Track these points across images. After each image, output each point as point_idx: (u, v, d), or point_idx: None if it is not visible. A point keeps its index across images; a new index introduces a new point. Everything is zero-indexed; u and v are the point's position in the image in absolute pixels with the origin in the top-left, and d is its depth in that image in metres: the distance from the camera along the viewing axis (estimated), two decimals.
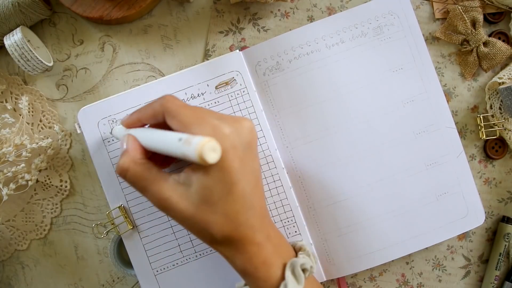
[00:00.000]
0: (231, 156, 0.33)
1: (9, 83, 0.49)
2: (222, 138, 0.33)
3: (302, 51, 0.46)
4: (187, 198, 0.35)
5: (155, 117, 0.36)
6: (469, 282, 0.50)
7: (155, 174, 0.36)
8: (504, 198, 0.50)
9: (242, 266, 0.37)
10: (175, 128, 0.35)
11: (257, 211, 0.36)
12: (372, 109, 0.47)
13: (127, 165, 0.36)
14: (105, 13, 0.46)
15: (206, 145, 0.30)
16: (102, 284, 0.49)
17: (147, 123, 0.38)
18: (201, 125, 0.33)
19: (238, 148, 0.34)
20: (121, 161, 0.36)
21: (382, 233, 0.46)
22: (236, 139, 0.34)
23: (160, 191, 0.35)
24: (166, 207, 0.35)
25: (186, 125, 0.34)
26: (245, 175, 0.35)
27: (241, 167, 0.34)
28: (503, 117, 0.49)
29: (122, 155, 0.37)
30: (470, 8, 0.47)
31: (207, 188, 0.34)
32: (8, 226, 0.49)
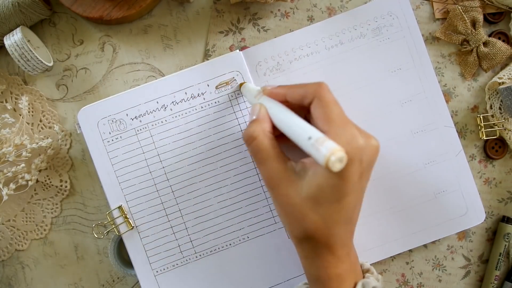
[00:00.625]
0: (354, 169, 0.33)
1: (9, 83, 0.49)
2: (355, 149, 0.33)
3: (302, 52, 0.46)
4: (296, 188, 0.35)
5: (303, 99, 0.36)
6: (469, 282, 0.50)
7: (278, 153, 0.36)
8: (504, 198, 0.50)
9: (316, 272, 0.37)
10: (317, 117, 0.35)
11: (351, 228, 0.37)
12: (371, 109, 0.47)
13: (256, 133, 0.36)
14: (105, 13, 0.46)
15: (335, 154, 0.29)
16: (102, 284, 0.49)
17: (290, 101, 0.38)
18: (343, 128, 0.34)
19: (363, 164, 0.34)
20: (252, 129, 0.36)
21: (381, 229, 0.47)
22: (365, 155, 0.34)
23: (276, 170, 0.36)
24: (274, 187, 0.36)
25: (330, 121, 0.34)
26: (357, 191, 0.35)
27: (358, 182, 0.34)
28: (503, 117, 0.49)
29: (253, 123, 0.37)
30: (470, 8, 0.47)
31: (320, 187, 0.34)
32: (8, 226, 0.49)
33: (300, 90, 0.37)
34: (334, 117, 0.34)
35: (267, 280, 0.46)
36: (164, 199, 0.45)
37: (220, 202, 0.45)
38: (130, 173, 0.45)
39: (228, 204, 0.46)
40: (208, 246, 0.46)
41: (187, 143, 0.45)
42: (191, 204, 0.45)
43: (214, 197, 0.45)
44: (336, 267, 0.36)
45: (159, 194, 0.45)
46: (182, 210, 0.45)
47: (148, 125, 0.45)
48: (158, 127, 0.45)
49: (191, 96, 0.45)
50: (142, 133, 0.45)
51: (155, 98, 0.45)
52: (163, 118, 0.45)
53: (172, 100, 0.45)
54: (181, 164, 0.45)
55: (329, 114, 0.35)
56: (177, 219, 0.45)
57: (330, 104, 0.35)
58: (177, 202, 0.45)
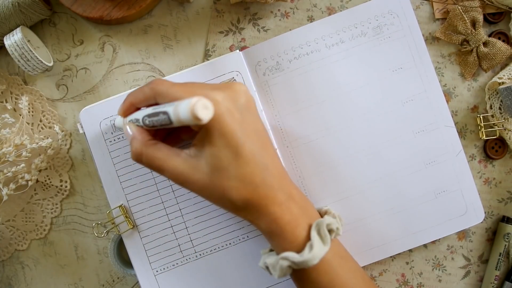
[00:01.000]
0: (228, 120, 0.33)
1: (9, 83, 0.49)
2: (216, 105, 0.33)
3: (302, 51, 0.46)
4: (199, 169, 0.35)
5: (147, 101, 0.37)
6: (469, 282, 0.50)
7: (167, 151, 0.36)
8: (504, 198, 0.50)
9: (267, 228, 0.37)
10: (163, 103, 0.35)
11: (273, 171, 0.36)
12: (372, 109, 0.47)
13: (139, 149, 0.37)
14: (105, 13, 0.46)
15: (197, 104, 0.30)
16: (102, 284, 0.49)
17: (140, 106, 0.38)
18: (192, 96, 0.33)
19: (234, 111, 0.34)
20: (133, 148, 0.37)
21: (382, 229, 0.47)
22: (230, 103, 0.34)
23: (175, 167, 0.36)
24: (182, 181, 0.36)
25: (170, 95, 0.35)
26: (248, 136, 0.35)
27: (242, 129, 0.34)
28: (503, 117, 0.49)
29: (132, 142, 0.37)
30: (470, 8, 0.47)
31: (215, 156, 0.34)
32: (8, 226, 0.49)
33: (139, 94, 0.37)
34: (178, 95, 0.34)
35: (267, 280, 0.46)
36: (165, 199, 0.45)
37: None
38: (131, 173, 0.45)
39: None
40: (208, 246, 0.46)
41: None
42: (191, 204, 0.45)
43: None
44: (283, 215, 0.36)
45: (160, 193, 0.45)
46: (182, 209, 0.45)
47: None
48: None
49: None
50: None
51: None
52: None
53: None
54: None
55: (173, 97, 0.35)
56: (177, 218, 0.45)
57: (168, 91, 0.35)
58: (177, 201, 0.45)
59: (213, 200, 0.37)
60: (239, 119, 0.35)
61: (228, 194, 0.35)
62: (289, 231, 0.37)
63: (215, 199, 0.36)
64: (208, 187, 0.35)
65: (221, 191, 0.35)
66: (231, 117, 0.34)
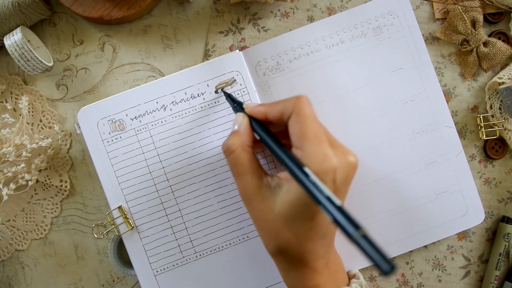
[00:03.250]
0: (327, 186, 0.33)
1: (9, 83, 0.49)
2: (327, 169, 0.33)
3: (302, 52, 0.46)
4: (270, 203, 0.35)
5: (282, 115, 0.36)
6: (469, 282, 0.50)
7: (254, 168, 0.37)
8: (504, 198, 0.50)
9: (293, 283, 0.37)
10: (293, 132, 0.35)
11: (328, 241, 0.37)
12: (372, 109, 0.47)
13: (235, 147, 0.36)
14: (105, 13, 0.46)
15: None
16: (102, 284, 0.49)
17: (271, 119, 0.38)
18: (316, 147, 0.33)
19: (337, 183, 0.34)
20: (231, 141, 0.37)
21: (382, 231, 0.47)
22: (338, 174, 0.34)
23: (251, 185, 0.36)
24: (249, 201, 0.36)
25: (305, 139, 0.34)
26: None
27: None
28: (503, 117, 0.49)
29: (233, 135, 0.37)
30: (470, 8, 0.47)
31: (292, 205, 0.34)
32: (8, 226, 0.49)
33: (279, 106, 0.37)
34: (309, 134, 0.34)
35: (266, 279, 0.46)
36: (164, 199, 0.45)
37: (220, 202, 0.45)
38: (130, 173, 0.45)
39: (228, 204, 0.46)
40: (208, 246, 0.46)
41: (187, 143, 0.45)
42: (191, 204, 0.45)
43: (214, 197, 0.45)
44: (313, 279, 0.36)
45: (159, 194, 0.45)
46: (182, 210, 0.45)
47: (148, 125, 0.45)
48: (157, 127, 0.45)
49: (190, 96, 0.45)
50: (142, 133, 0.45)
51: (154, 98, 0.45)
52: (162, 118, 0.45)
53: (172, 100, 0.45)
54: (180, 164, 0.45)
55: (305, 131, 0.34)
56: (177, 219, 0.45)
57: (306, 120, 0.35)
58: (177, 202, 0.45)
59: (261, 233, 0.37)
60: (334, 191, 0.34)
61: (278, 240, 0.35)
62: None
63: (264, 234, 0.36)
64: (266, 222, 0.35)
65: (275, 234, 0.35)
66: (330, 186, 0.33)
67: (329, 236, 0.37)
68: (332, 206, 0.30)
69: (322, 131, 0.35)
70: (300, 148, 0.34)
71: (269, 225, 0.35)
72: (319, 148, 0.34)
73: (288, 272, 0.37)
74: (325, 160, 0.33)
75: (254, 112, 0.38)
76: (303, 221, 0.34)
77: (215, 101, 0.46)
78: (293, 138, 0.35)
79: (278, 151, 0.35)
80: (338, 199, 0.33)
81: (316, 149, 0.33)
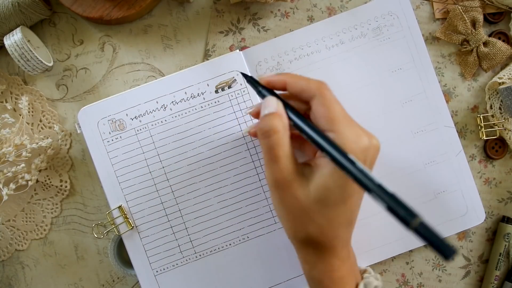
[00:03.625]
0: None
1: (9, 83, 0.49)
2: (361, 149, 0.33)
3: (303, 52, 0.46)
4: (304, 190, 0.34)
5: (303, 92, 0.35)
6: (469, 282, 0.50)
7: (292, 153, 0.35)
8: (504, 198, 0.50)
9: (319, 276, 0.36)
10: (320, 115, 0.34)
11: (351, 229, 0.37)
12: (372, 109, 0.47)
13: (279, 127, 0.34)
14: (105, 13, 0.46)
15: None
16: (102, 284, 0.49)
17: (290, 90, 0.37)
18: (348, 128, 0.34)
19: (367, 163, 0.34)
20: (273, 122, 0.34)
21: (382, 230, 0.47)
22: (368, 154, 0.34)
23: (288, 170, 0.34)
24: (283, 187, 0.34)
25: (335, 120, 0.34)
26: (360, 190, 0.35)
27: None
28: (503, 117, 0.49)
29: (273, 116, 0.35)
30: (470, 8, 0.47)
31: (328, 189, 0.34)
32: (8, 226, 0.49)
33: (302, 82, 0.36)
34: (338, 115, 0.34)
35: (267, 280, 0.46)
36: (164, 199, 0.45)
37: (220, 202, 0.45)
38: (130, 173, 0.45)
39: (228, 204, 0.46)
40: (208, 246, 0.46)
41: (187, 143, 0.45)
42: (191, 204, 0.45)
43: (214, 197, 0.45)
44: (339, 270, 0.36)
45: (159, 194, 0.45)
46: (182, 210, 0.45)
47: (148, 125, 0.45)
48: (158, 127, 0.45)
49: (191, 96, 0.45)
50: (142, 133, 0.45)
51: (155, 98, 0.45)
52: (163, 118, 0.45)
53: (172, 100, 0.45)
54: (181, 164, 0.45)
55: (333, 112, 0.34)
56: (177, 219, 0.45)
57: (332, 103, 0.35)
58: (177, 202, 0.45)
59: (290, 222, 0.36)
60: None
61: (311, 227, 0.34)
62: (339, 287, 0.36)
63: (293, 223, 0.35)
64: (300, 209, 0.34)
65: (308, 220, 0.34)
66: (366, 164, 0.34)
67: (353, 223, 0.37)
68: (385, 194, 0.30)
69: (347, 113, 0.35)
70: (332, 130, 0.34)
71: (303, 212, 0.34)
72: (351, 128, 0.34)
73: (314, 265, 0.36)
74: (358, 139, 0.33)
75: (273, 80, 0.37)
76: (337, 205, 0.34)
77: (215, 101, 0.46)
78: (321, 121, 0.35)
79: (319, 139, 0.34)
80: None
81: (349, 129, 0.34)
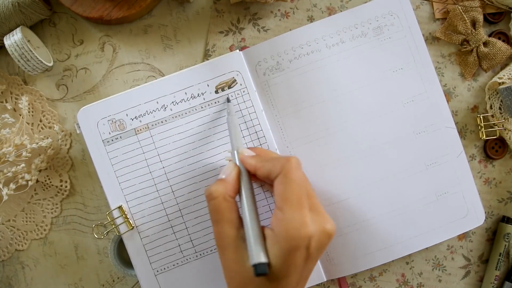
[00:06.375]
0: (299, 254, 0.34)
1: (9, 83, 0.49)
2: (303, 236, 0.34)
3: (303, 51, 0.46)
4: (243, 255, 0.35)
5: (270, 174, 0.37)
6: (469, 282, 0.50)
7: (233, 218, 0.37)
8: (504, 198, 0.50)
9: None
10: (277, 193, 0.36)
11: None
12: (372, 109, 0.47)
13: (217, 194, 0.37)
14: (105, 13, 0.46)
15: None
16: (102, 284, 0.49)
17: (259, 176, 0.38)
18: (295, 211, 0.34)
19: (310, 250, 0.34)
20: (214, 188, 0.37)
21: (383, 233, 0.46)
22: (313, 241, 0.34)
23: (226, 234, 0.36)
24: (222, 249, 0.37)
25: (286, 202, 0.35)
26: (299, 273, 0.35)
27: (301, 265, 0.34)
28: (503, 117, 0.49)
29: (218, 182, 0.38)
30: (470, 8, 0.47)
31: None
32: (8, 226, 0.49)
33: (268, 165, 0.37)
34: (291, 197, 0.35)
35: None
36: (164, 199, 0.45)
37: None
38: (130, 173, 0.45)
39: None
40: (208, 245, 0.46)
41: (187, 143, 0.45)
42: (191, 204, 0.45)
43: None
44: None
45: (159, 194, 0.45)
46: (182, 209, 0.45)
47: (148, 125, 0.45)
48: (158, 127, 0.45)
49: (191, 96, 0.45)
50: (142, 133, 0.45)
51: (155, 98, 0.45)
52: (163, 118, 0.45)
53: (172, 100, 0.45)
54: (181, 164, 0.45)
55: (287, 194, 0.35)
56: (177, 218, 0.45)
57: (291, 182, 0.35)
58: (177, 202, 0.45)
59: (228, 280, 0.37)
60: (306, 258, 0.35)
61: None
62: None
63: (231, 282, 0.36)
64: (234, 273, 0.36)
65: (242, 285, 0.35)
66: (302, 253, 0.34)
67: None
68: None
69: (305, 196, 0.35)
70: (281, 210, 0.35)
71: (238, 276, 0.36)
72: (298, 214, 0.34)
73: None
74: (302, 226, 0.34)
75: (245, 163, 0.39)
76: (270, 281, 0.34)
77: (215, 101, 0.46)
78: (276, 198, 0.36)
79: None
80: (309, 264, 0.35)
81: (296, 215, 0.34)
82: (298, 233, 0.33)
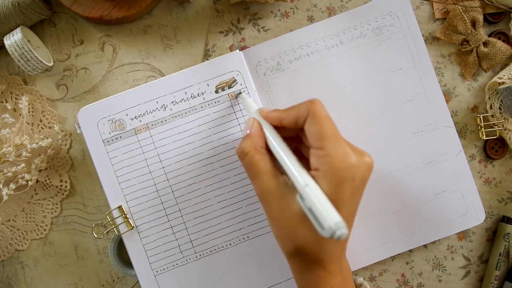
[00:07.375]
0: (346, 187, 0.34)
1: (9, 83, 0.49)
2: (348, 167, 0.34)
3: (303, 52, 0.46)
4: (288, 202, 0.35)
5: (297, 120, 0.37)
6: (469, 282, 0.50)
7: (269, 167, 0.37)
8: (504, 198, 0.50)
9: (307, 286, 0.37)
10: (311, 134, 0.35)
11: (343, 243, 0.37)
12: (371, 109, 0.47)
13: (248, 149, 0.37)
14: (105, 13, 0.46)
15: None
16: (102, 284, 0.49)
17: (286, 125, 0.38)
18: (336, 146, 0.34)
19: (356, 182, 0.34)
20: (244, 144, 0.37)
21: (381, 229, 0.47)
22: (357, 173, 0.34)
23: (267, 185, 0.36)
24: (266, 201, 0.36)
25: (324, 138, 0.34)
26: (349, 207, 0.35)
27: (349, 199, 0.34)
28: (503, 117, 0.49)
29: (245, 138, 0.38)
30: (470, 8, 0.47)
31: None
32: (8, 226, 0.49)
33: (293, 111, 0.37)
34: (328, 133, 0.35)
35: (266, 280, 0.46)
36: (164, 199, 0.45)
37: (220, 202, 0.45)
38: (130, 173, 0.45)
39: (228, 204, 0.46)
40: (208, 246, 0.46)
41: (187, 143, 0.45)
42: (191, 204, 0.45)
43: (214, 197, 0.45)
44: (328, 282, 0.36)
45: (159, 194, 0.45)
46: (182, 210, 0.45)
47: (148, 125, 0.45)
48: (158, 127, 0.45)
49: (191, 96, 0.45)
50: (142, 133, 0.45)
51: (155, 98, 0.45)
52: (163, 118, 0.45)
53: (172, 100, 0.45)
54: (181, 164, 0.45)
55: (323, 131, 0.35)
56: (177, 219, 0.45)
57: (323, 121, 0.35)
58: (177, 202, 0.45)
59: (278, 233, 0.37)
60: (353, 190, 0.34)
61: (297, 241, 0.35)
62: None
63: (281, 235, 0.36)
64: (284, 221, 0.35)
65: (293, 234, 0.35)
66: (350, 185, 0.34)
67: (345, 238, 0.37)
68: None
69: (337, 131, 0.36)
70: (321, 148, 0.34)
71: (287, 224, 0.35)
72: (339, 147, 0.34)
73: (303, 275, 0.37)
74: (345, 158, 0.34)
75: (268, 117, 0.39)
76: None
77: (215, 100, 0.46)
78: (311, 140, 0.35)
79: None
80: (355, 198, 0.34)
81: (336, 148, 0.34)
82: (343, 165, 0.33)
